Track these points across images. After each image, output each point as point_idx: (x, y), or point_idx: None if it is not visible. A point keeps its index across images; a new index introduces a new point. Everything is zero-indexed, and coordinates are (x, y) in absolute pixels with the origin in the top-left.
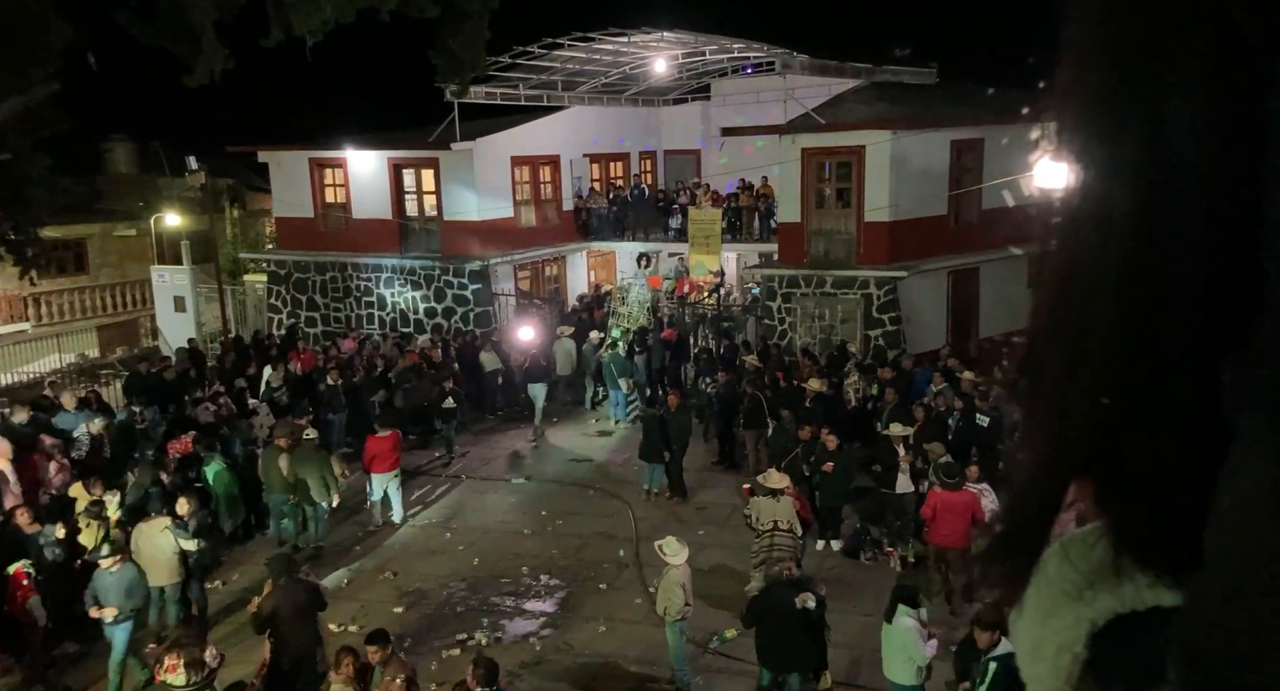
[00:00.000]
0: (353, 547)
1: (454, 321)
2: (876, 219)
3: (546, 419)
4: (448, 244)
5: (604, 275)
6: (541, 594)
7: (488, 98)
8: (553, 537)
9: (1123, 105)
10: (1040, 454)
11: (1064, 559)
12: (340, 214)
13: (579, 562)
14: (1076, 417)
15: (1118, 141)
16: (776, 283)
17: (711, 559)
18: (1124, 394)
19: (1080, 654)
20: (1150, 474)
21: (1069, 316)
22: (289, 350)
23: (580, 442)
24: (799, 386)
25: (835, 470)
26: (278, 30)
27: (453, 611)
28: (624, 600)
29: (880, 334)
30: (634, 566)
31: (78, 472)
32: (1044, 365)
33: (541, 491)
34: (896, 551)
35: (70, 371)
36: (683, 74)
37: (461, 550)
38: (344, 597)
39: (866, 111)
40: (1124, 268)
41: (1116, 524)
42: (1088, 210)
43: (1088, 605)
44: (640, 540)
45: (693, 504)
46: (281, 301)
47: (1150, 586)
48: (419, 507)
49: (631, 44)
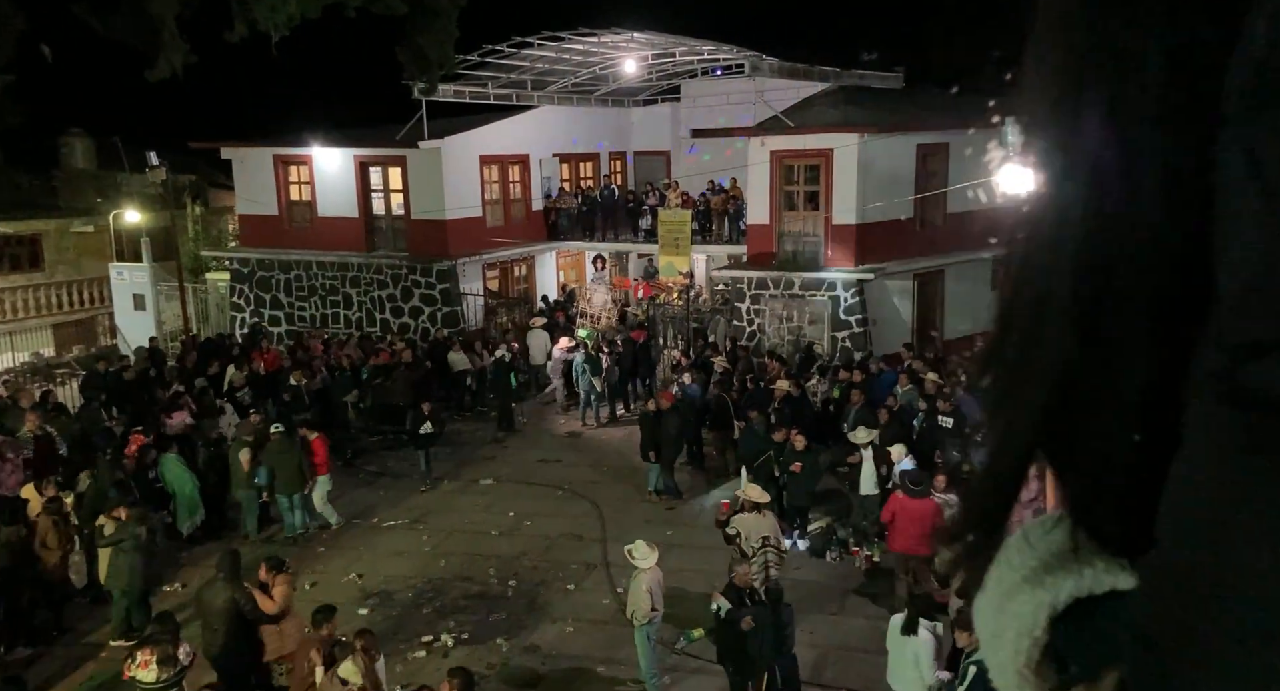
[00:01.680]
0: (317, 548)
1: (421, 321)
2: (844, 221)
3: (516, 419)
4: (415, 243)
5: (573, 276)
6: (509, 595)
7: (456, 96)
8: (521, 538)
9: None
10: (1000, 436)
11: (1024, 544)
12: (305, 212)
13: (547, 563)
14: (1033, 400)
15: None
16: (745, 284)
17: (679, 559)
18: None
19: (1040, 637)
20: (1103, 452)
21: (1028, 305)
22: (252, 350)
23: (549, 443)
24: (767, 388)
25: (803, 470)
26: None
27: (419, 613)
28: (592, 601)
29: (847, 335)
30: (602, 567)
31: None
32: (1004, 352)
33: (510, 492)
34: (862, 551)
35: (24, 370)
36: (652, 75)
37: (428, 551)
38: (306, 599)
39: (834, 115)
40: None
41: (1072, 500)
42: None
43: (1047, 589)
44: (608, 541)
45: (660, 504)
46: (245, 300)
47: (1107, 570)
48: (386, 508)
49: (601, 44)
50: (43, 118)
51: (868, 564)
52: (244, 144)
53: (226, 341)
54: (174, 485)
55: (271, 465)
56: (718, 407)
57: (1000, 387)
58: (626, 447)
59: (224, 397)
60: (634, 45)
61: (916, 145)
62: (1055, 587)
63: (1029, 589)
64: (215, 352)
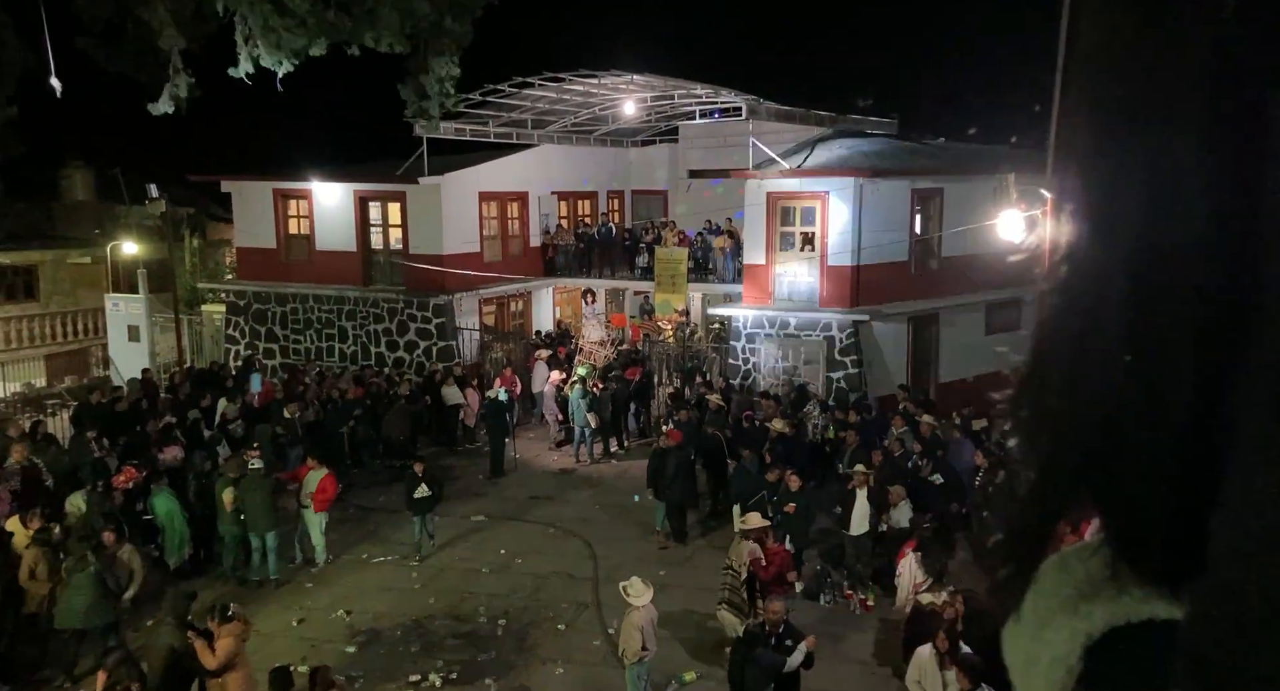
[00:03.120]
0: (305, 584)
1: (416, 355)
2: (839, 263)
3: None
4: (412, 277)
5: (569, 311)
6: (498, 634)
7: (457, 134)
8: (511, 576)
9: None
10: (1042, 473)
11: (1061, 572)
12: (303, 245)
13: (537, 602)
14: (1078, 437)
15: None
16: (741, 323)
17: (673, 599)
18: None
19: (1075, 667)
20: (1148, 483)
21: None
22: (244, 381)
23: (541, 480)
24: (761, 426)
25: (797, 511)
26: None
27: (407, 651)
28: (583, 641)
29: (842, 376)
30: (593, 606)
31: (16, 505)
32: (1045, 383)
33: (501, 529)
34: (856, 595)
35: (14, 401)
36: (651, 116)
37: (418, 588)
38: (293, 636)
39: (830, 158)
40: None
41: (1114, 531)
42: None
43: (1084, 618)
44: (600, 580)
45: (653, 542)
46: (240, 332)
47: (1145, 599)
48: (375, 545)
49: (601, 86)
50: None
51: (863, 608)
52: (244, 177)
53: (220, 372)
54: (164, 519)
55: (241, 503)
56: (712, 446)
57: (1040, 425)
58: (619, 485)
59: (216, 430)
60: (633, 87)
61: (912, 189)
62: (1091, 616)
63: (1065, 617)
64: (208, 384)
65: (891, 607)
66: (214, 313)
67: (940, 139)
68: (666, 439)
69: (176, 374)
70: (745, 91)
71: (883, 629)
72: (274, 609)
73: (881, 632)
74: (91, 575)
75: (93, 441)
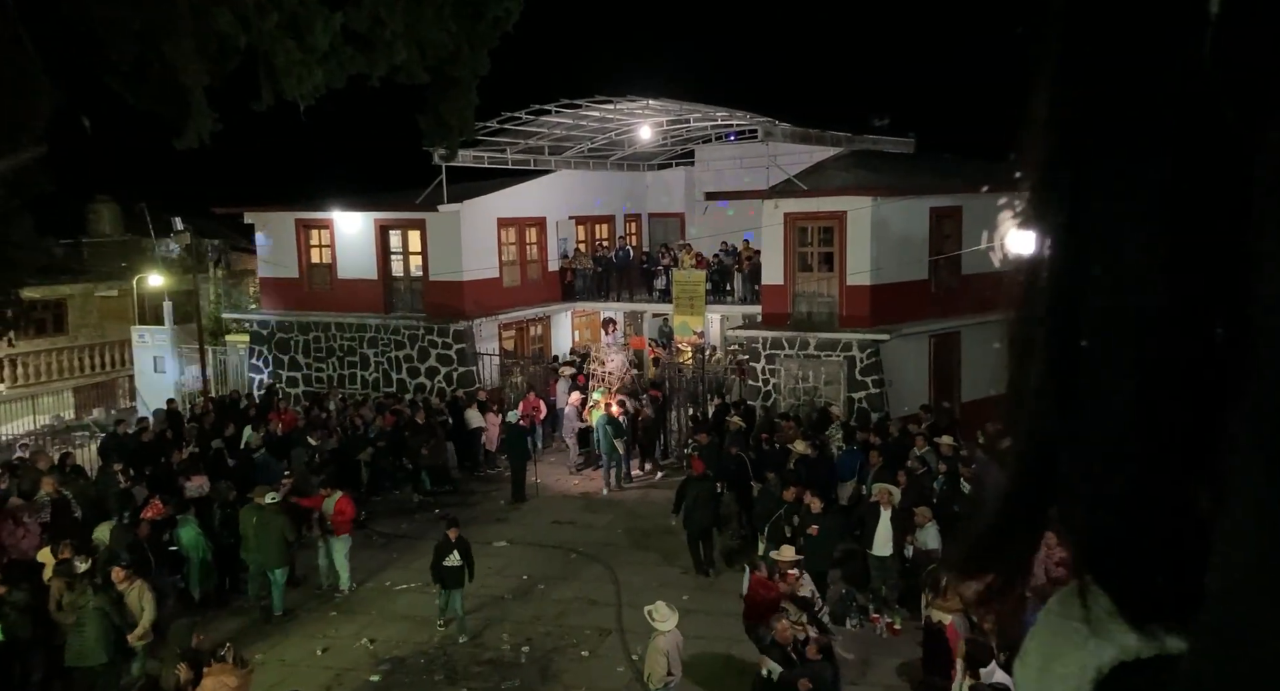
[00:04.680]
0: (329, 613)
1: (437, 381)
2: (859, 282)
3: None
4: (432, 304)
5: (588, 335)
6: (522, 661)
7: (475, 161)
8: (534, 602)
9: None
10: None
11: (1068, 605)
12: (325, 274)
13: (561, 628)
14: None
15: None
16: (760, 344)
17: (696, 625)
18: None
19: None
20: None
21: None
22: (268, 410)
23: (563, 505)
24: (783, 448)
25: (820, 533)
26: (269, 94)
27: (430, 679)
28: (606, 668)
29: (863, 396)
30: (617, 632)
31: (47, 537)
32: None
33: (523, 555)
34: (882, 619)
35: (44, 433)
36: (667, 140)
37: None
38: (317, 666)
39: (847, 178)
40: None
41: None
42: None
43: (1092, 653)
44: (624, 605)
45: (677, 567)
46: (264, 361)
47: (1155, 633)
48: (398, 571)
49: (617, 111)
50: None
51: (889, 631)
52: (266, 208)
53: (242, 403)
54: (189, 549)
55: (259, 536)
56: (735, 468)
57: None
58: (641, 510)
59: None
60: (649, 111)
61: (930, 208)
62: (1100, 651)
63: (1074, 652)
64: (231, 413)
65: None
66: (238, 343)
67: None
68: (692, 468)
69: (202, 403)
70: (760, 113)
71: (911, 653)
72: (298, 638)
73: (910, 656)
74: (92, 612)
75: (119, 473)
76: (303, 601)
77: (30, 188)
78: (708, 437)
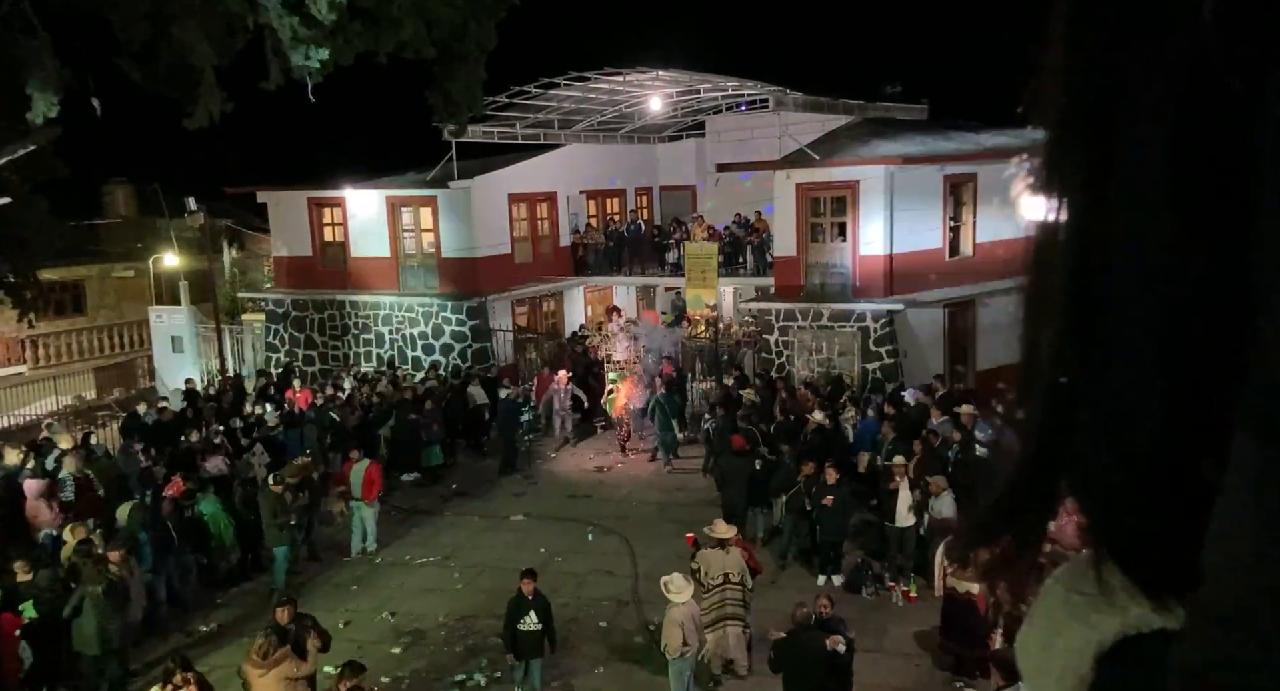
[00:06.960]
0: (350, 586)
1: (451, 358)
2: (872, 252)
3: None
4: (445, 281)
5: (600, 311)
6: None
7: (485, 137)
8: (552, 575)
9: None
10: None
11: (1071, 580)
12: (338, 253)
13: (578, 600)
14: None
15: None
16: (773, 316)
17: None
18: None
19: (1086, 676)
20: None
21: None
22: (285, 388)
23: (578, 479)
24: (797, 420)
25: (835, 504)
26: (278, 73)
27: (451, 651)
28: (624, 639)
29: (878, 366)
30: (634, 604)
31: (70, 515)
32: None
33: (540, 528)
34: (899, 587)
35: (67, 413)
36: (678, 111)
37: (460, 588)
38: (341, 638)
39: (860, 147)
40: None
41: (1110, 550)
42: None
43: (1094, 628)
44: (640, 577)
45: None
46: (280, 340)
47: (1156, 609)
48: (417, 546)
49: (627, 83)
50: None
51: (906, 599)
52: (279, 187)
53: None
54: (211, 526)
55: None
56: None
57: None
58: (656, 482)
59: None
60: (659, 83)
61: (944, 176)
62: (1102, 625)
63: (1076, 625)
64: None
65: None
66: (254, 321)
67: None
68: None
69: (221, 382)
70: (772, 83)
71: (927, 620)
72: (320, 612)
73: (926, 624)
74: (90, 605)
75: (139, 452)
76: (326, 574)
77: (44, 171)
78: (723, 411)
